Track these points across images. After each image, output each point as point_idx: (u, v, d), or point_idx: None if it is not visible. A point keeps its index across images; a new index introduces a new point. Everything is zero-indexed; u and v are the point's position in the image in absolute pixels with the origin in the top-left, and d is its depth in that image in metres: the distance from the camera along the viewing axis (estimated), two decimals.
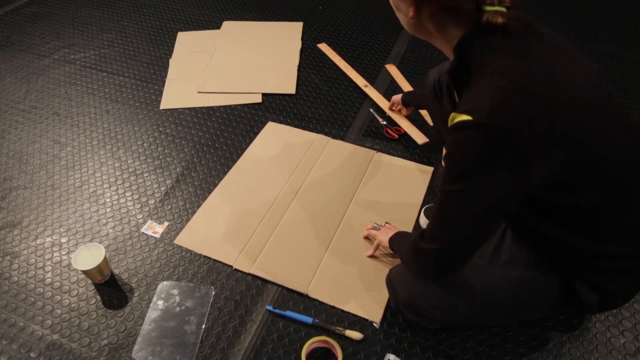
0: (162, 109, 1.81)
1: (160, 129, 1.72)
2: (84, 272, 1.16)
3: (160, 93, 1.90)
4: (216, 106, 1.82)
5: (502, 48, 0.73)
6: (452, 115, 0.74)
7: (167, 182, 1.51)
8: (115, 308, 1.18)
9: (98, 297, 1.20)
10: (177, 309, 1.17)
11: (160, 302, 1.18)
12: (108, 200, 1.46)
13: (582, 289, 0.89)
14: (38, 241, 1.34)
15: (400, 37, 2.21)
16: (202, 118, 1.76)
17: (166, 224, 1.38)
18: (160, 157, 1.61)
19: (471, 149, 0.71)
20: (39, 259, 1.30)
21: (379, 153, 1.58)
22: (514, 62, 0.72)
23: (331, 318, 1.14)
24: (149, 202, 1.45)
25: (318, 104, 1.81)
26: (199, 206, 1.42)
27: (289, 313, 1.14)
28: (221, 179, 1.51)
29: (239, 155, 1.59)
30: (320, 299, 1.18)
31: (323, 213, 1.38)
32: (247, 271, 1.24)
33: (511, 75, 0.71)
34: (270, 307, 1.16)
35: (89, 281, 1.23)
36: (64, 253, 1.31)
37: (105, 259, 1.18)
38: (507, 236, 0.97)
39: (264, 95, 1.87)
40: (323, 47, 2.14)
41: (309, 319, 1.13)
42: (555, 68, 0.73)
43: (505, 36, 0.73)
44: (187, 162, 1.58)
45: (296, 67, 2.01)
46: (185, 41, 2.22)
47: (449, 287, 0.95)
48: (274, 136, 1.67)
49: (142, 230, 1.36)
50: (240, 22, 2.36)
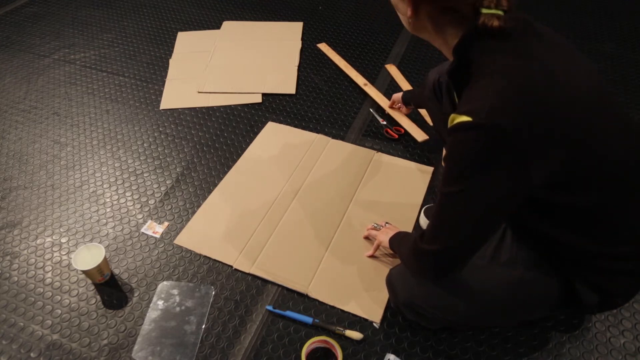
0: (162, 109, 1.81)
1: (160, 129, 1.72)
2: (84, 272, 1.16)
3: (160, 93, 1.90)
4: (216, 106, 1.82)
5: (502, 48, 0.73)
6: (452, 116, 0.74)
7: (167, 182, 1.51)
8: (115, 308, 1.18)
9: (98, 297, 1.20)
10: (177, 309, 1.17)
11: (160, 302, 1.18)
12: (108, 200, 1.46)
13: (582, 289, 0.89)
14: (38, 241, 1.34)
15: (400, 37, 2.21)
16: (202, 118, 1.76)
17: (166, 224, 1.38)
18: (160, 157, 1.61)
19: (471, 150, 0.71)
20: (39, 259, 1.30)
21: (379, 153, 1.58)
22: (514, 62, 0.72)
23: (331, 318, 1.14)
24: (149, 202, 1.45)
25: (318, 104, 1.81)
26: (199, 206, 1.42)
27: (289, 313, 1.14)
28: (221, 179, 1.51)
29: (239, 155, 1.59)
30: (320, 299, 1.18)
31: (323, 213, 1.38)
32: (247, 271, 1.24)
33: (511, 76, 0.71)
34: (270, 307, 1.16)
35: (89, 281, 1.23)
36: (64, 253, 1.31)
37: (105, 259, 1.18)
38: (507, 236, 0.97)
39: (264, 95, 1.87)
40: (323, 47, 2.14)
41: (309, 319, 1.13)
42: (555, 68, 0.73)
43: (503, 37, 0.73)
44: (187, 162, 1.58)
45: (296, 67, 2.01)
46: (185, 41, 2.22)
47: (449, 287, 0.95)
48: (274, 136, 1.67)
49: (142, 230, 1.36)
50: (240, 22, 2.35)
